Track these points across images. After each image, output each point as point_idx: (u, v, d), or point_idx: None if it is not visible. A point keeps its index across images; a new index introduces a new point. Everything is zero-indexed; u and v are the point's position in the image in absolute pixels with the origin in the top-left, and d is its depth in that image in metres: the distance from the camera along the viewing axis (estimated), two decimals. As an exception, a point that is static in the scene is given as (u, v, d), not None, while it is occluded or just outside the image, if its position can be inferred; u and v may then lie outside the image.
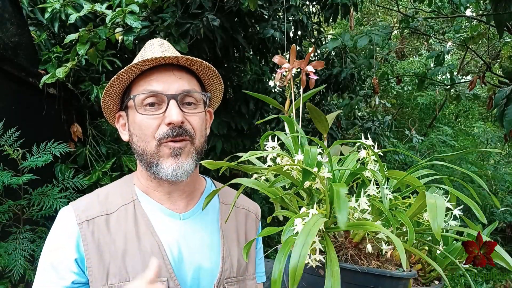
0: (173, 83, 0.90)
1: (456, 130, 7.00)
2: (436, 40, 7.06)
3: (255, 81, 3.68)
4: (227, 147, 3.39)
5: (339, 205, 0.54)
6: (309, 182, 0.62)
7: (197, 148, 0.92)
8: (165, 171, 0.88)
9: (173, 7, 2.61)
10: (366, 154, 0.67)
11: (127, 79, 0.92)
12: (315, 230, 0.53)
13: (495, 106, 2.65)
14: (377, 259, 0.64)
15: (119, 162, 2.67)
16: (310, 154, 0.62)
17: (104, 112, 0.99)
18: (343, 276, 0.55)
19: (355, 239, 0.64)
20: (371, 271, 0.60)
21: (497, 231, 5.68)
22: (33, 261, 1.91)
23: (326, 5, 3.71)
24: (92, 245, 0.88)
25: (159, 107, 0.90)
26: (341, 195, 0.55)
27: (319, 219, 0.56)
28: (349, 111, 4.60)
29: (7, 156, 1.91)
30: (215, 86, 1.02)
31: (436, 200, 0.55)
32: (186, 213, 0.96)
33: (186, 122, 0.90)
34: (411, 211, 0.63)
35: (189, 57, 0.91)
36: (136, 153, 0.94)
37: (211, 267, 0.94)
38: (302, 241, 0.52)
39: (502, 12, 2.74)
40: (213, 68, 0.97)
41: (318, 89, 0.89)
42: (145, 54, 0.94)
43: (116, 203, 0.94)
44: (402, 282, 0.63)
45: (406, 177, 0.64)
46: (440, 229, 0.52)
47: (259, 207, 1.13)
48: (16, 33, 2.21)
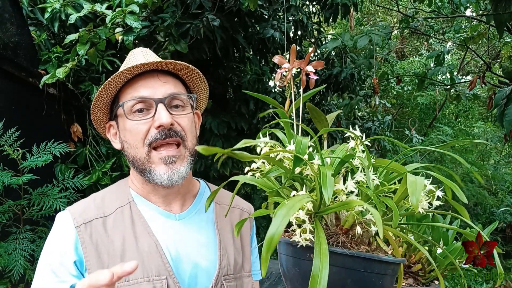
0: (159, 88, 0.92)
1: (456, 130, 7.00)
2: (436, 40, 7.06)
3: (255, 81, 3.69)
4: (227, 147, 3.38)
5: (325, 183, 0.58)
6: (299, 168, 0.65)
7: (190, 150, 0.94)
8: (160, 177, 0.90)
9: (173, 7, 2.61)
10: (354, 145, 0.69)
11: (114, 88, 0.94)
12: (298, 206, 0.56)
13: (495, 106, 2.65)
14: (368, 247, 0.66)
15: (119, 162, 2.67)
16: (301, 143, 0.65)
17: (94, 123, 1.00)
18: (333, 260, 0.57)
19: (345, 225, 0.66)
20: (359, 255, 0.61)
21: (497, 231, 5.69)
22: (33, 261, 1.91)
23: (326, 5, 3.71)
24: (91, 247, 0.88)
25: (148, 112, 0.91)
26: (328, 175, 0.59)
27: (305, 197, 0.60)
28: (349, 111, 4.60)
29: (7, 156, 1.91)
30: (200, 87, 1.04)
31: (416, 179, 0.59)
32: (182, 213, 0.98)
33: (176, 124, 0.91)
34: (396, 196, 0.65)
35: (172, 61, 0.93)
36: (128, 160, 0.95)
37: (208, 265, 0.95)
38: (283, 213, 0.54)
39: (502, 12, 2.74)
40: (197, 70, 0.99)
41: (318, 89, 0.89)
42: (129, 63, 0.96)
43: (113, 205, 0.95)
44: (390, 267, 0.64)
45: (391, 164, 0.67)
46: (418, 202, 0.55)
47: (253, 207, 1.15)
48: (16, 33, 2.21)
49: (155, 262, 0.89)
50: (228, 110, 3.68)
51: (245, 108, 3.59)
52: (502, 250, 5.40)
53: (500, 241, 5.51)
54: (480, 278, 4.18)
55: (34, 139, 2.08)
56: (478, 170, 5.77)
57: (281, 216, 0.54)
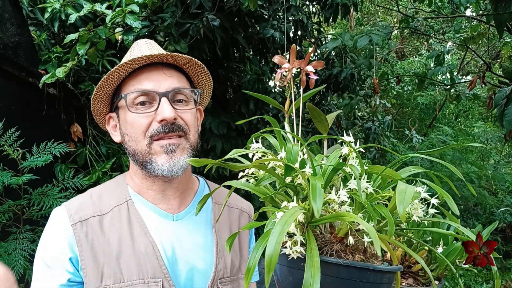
0: (163, 81, 0.90)
1: (456, 130, 6.99)
2: (436, 40, 7.06)
3: (255, 81, 3.69)
4: (227, 147, 3.39)
5: (314, 195, 0.57)
6: (290, 177, 0.64)
7: (192, 144, 0.93)
8: (161, 167, 0.88)
9: (173, 7, 2.61)
10: (348, 150, 0.68)
11: (117, 79, 0.92)
12: (292, 220, 0.55)
13: (495, 106, 2.65)
14: (363, 254, 0.65)
15: (119, 162, 2.67)
16: (292, 151, 0.64)
17: (94, 114, 0.99)
18: (327, 270, 0.57)
19: (339, 234, 0.65)
20: (354, 265, 0.60)
21: (497, 231, 5.68)
22: (33, 261, 1.91)
23: (326, 5, 3.71)
24: (86, 247, 0.88)
25: (151, 105, 0.90)
26: (317, 187, 0.58)
27: (297, 210, 0.58)
28: (349, 111, 4.60)
29: (7, 156, 1.91)
30: (205, 82, 1.03)
31: (406, 187, 0.58)
32: (180, 213, 0.96)
33: (179, 119, 0.90)
34: (391, 204, 0.64)
35: (178, 54, 0.92)
36: (128, 153, 0.94)
37: (205, 267, 0.94)
38: (278, 230, 0.54)
39: (502, 12, 2.74)
40: (202, 65, 0.97)
41: (318, 89, 0.89)
42: (133, 54, 0.94)
43: (110, 203, 0.93)
44: (386, 276, 0.64)
45: (386, 171, 0.66)
46: (405, 212, 0.54)
47: (252, 207, 1.13)
48: (16, 33, 2.21)
49: (151, 264, 0.88)
50: (228, 110, 3.68)
51: (245, 108, 3.58)
52: (501, 250, 5.37)
53: (500, 241, 5.51)
54: (480, 278, 4.18)
55: (34, 139, 2.08)
56: (478, 170, 5.77)
57: (276, 233, 0.53)
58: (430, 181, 0.68)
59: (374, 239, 0.53)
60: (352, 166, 0.63)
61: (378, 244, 0.53)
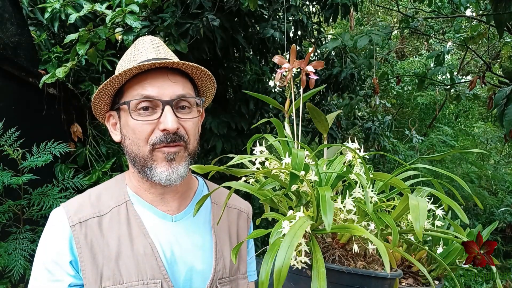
0: (168, 88, 0.88)
1: (456, 130, 7.00)
2: (436, 40, 7.06)
3: (255, 81, 3.68)
4: (227, 147, 3.39)
5: (324, 208, 0.55)
6: (296, 185, 0.64)
7: (190, 152, 0.92)
8: (159, 175, 0.88)
9: (173, 7, 2.61)
10: (352, 157, 0.67)
11: (121, 81, 0.90)
12: (301, 233, 0.55)
13: (495, 106, 2.65)
14: (364, 259, 0.65)
15: (119, 162, 2.67)
16: (297, 157, 0.63)
17: (94, 111, 0.98)
18: (330, 276, 0.56)
19: (342, 240, 0.65)
20: (357, 272, 0.61)
21: (497, 231, 5.68)
22: (33, 261, 1.91)
23: (326, 5, 3.71)
24: (85, 248, 0.87)
25: (153, 112, 0.88)
26: (327, 199, 0.57)
27: (305, 221, 0.58)
28: (349, 111, 4.60)
29: (7, 156, 1.91)
30: (209, 87, 1.02)
31: (418, 202, 0.57)
32: (178, 214, 0.96)
33: (181, 128, 0.89)
34: (395, 212, 0.64)
35: (185, 62, 0.90)
36: (129, 156, 0.93)
37: (204, 268, 0.94)
38: (287, 243, 0.53)
39: (502, 12, 2.74)
40: (208, 72, 0.96)
41: (318, 89, 0.89)
42: (138, 54, 0.92)
43: (108, 204, 0.93)
44: (387, 282, 0.64)
45: (392, 179, 0.65)
46: (422, 229, 0.53)
47: (251, 207, 1.13)
48: (16, 33, 2.21)
49: (150, 265, 0.88)
50: (228, 110, 3.68)
51: (245, 108, 3.58)
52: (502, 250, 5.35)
53: (500, 241, 5.51)
54: (480, 278, 4.18)
55: (34, 139, 2.08)
56: (478, 170, 5.77)
57: (285, 247, 0.53)
58: (431, 184, 0.68)
59: (384, 256, 0.52)
60: (358, 175, 0.62)
61: (387, 260, 0.52)
